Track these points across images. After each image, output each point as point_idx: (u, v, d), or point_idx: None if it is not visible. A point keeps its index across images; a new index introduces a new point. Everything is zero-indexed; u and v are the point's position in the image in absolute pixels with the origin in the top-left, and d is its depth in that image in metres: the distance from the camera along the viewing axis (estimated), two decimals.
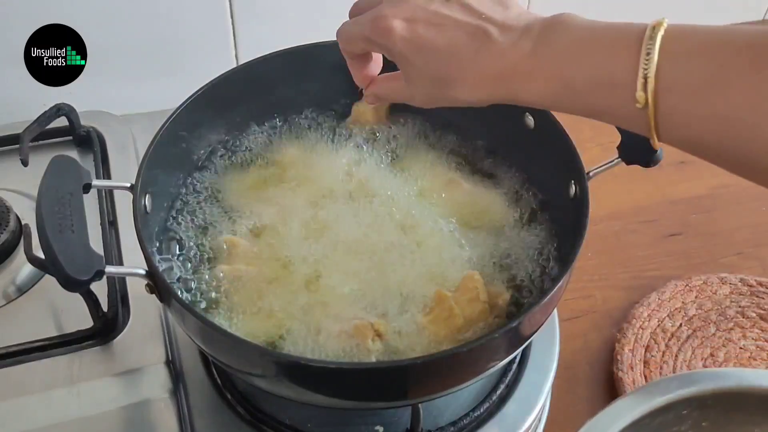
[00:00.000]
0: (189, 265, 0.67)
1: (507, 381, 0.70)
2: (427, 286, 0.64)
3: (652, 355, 0.80)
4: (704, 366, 0.80)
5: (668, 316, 0.84)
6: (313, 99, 0.80)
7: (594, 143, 0.87)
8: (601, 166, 0.63)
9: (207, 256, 0.67)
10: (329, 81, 0.78)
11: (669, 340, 0.82)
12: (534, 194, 0.73)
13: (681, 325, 0.84)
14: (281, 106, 0.79)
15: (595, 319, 0.87)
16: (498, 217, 0.71)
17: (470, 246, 0.68)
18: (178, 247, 0.68)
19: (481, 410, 0.68)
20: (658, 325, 0.83)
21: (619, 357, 0.80)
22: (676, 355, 0.81)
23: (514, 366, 0.71)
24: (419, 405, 0.62)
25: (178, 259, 0.67)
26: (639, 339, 0.82)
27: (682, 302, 0.86)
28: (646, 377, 0.79)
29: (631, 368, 0.79)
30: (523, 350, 0.72)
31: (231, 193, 0.73)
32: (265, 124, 0.79)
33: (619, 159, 0.63)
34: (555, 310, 0.70)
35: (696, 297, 0.87)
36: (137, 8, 0.96)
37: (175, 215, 0.71)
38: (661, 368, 0.79)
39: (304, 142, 0.78)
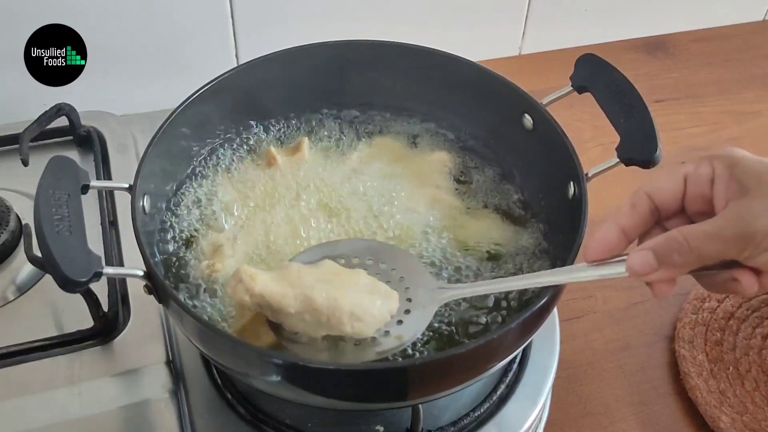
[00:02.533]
0: (188, 264, 0.67)
1: (507, 381, 0.70)
2: None
3: (712, 334, 0.82)
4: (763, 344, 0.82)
5: (727, 296, 0.86)
6: (314, 99, 0.80)
7: (595, 143, 0.87)
8: (600, 168, 0.63)
9: (206, 256, 0.67)
10: (330, 81, 0.78)
11: (729, 320, 0.84)
12: (533, 194, 0.73)
13: (741, 305, 0.85)
14: (281, 106, 0.79)
15: (595, 319, 0.87)
16: (495, 218, 0.71)
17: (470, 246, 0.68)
18: (177, 246, 0.68)
19: (482, 410, 0.68)
20: (719, 306, 0.85)
21: (680, 335, 0.82)
22: (737, 333, 0.83)
23: (515, 366, 0.71)
24: (419, 405, 0.62)
25: (177, 258, 0.67)
26: (700, 318, 0.84)
27: None
28: (707, 354, 0.81)
29: (693, 345, 0.81)
30: (524, 350, 0.72)
31: (231, 193, 0.73)
32: (266, 124, 0.79)
33: (618, 160, 0.62)
34: (555, 311, 0.70)
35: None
36: (137, 8, 0.96)
37: (174, 215, 0.71)
38: (721, 345, 0.81)
39: (304, 144, 0.78)
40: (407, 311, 0.59)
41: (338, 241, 0.67)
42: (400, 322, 0.58)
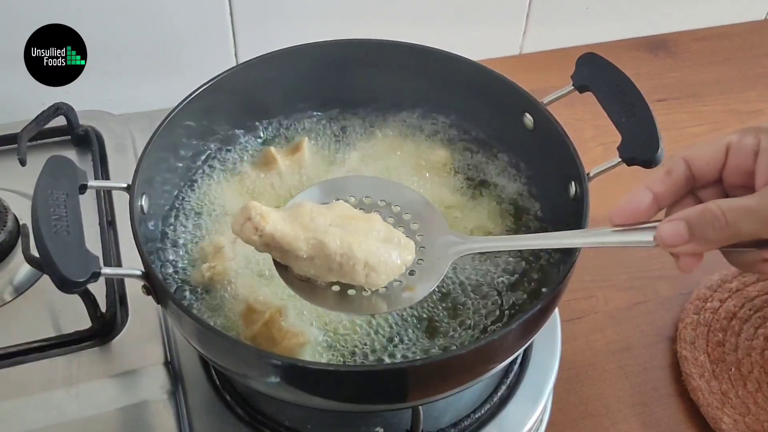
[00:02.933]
0: (186, 266, 0.66)
1: (508, 382, 0.70)
2: None
3: (714, 335, 0.82)
4: (766, 345, 0.81)
5: (730, 296, 0.86)
6: (314, 99, 0.80)
7: (596, 143, 0.87)
8: (601, 167, 0.63)
9: (205, 257, 0.67)
10: (329, 81, 0.78)
11: (731, 320, 0.83)
12: (534, 195, 0.72)
13: (743, 305, 0.85)
14: (281, 105, 0.79)
15: (596, 319, 0.86)
16: (497, 218, 0.71)
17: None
18: (176, 247, 0.68)
19: (483, 411, 0.68)
20: (720, 306, 0.84)
21: (682, 335, 0.82)
22: (739, 334, 0.82)
23: (516, 367, 0.71)
24: (419, 407, 0.62)
25: (175, 259, 0.67)
26: (702, 319, 0.83)
27: (743, 284, 0.87)
28: (709, 355, 0.80)
29: (694, 346, 0.80)
30: (525, 351, 0.72)
31: (230, 193, 0.73)
32: (265, 124, 0.79)
33: (620, 160, 0.62)
34: (556, 311, 0.70)
35: (757, 278, 0.87)
36: (137, 8, 0.96)
37: (173, 215, 0.70)
38: (723, 346, 0.81)
39: (304, 144, 0.77)
40: (420, 260, 0.57)
41: (350, 177, 0.65)
42: (412, 272, 0.57)
